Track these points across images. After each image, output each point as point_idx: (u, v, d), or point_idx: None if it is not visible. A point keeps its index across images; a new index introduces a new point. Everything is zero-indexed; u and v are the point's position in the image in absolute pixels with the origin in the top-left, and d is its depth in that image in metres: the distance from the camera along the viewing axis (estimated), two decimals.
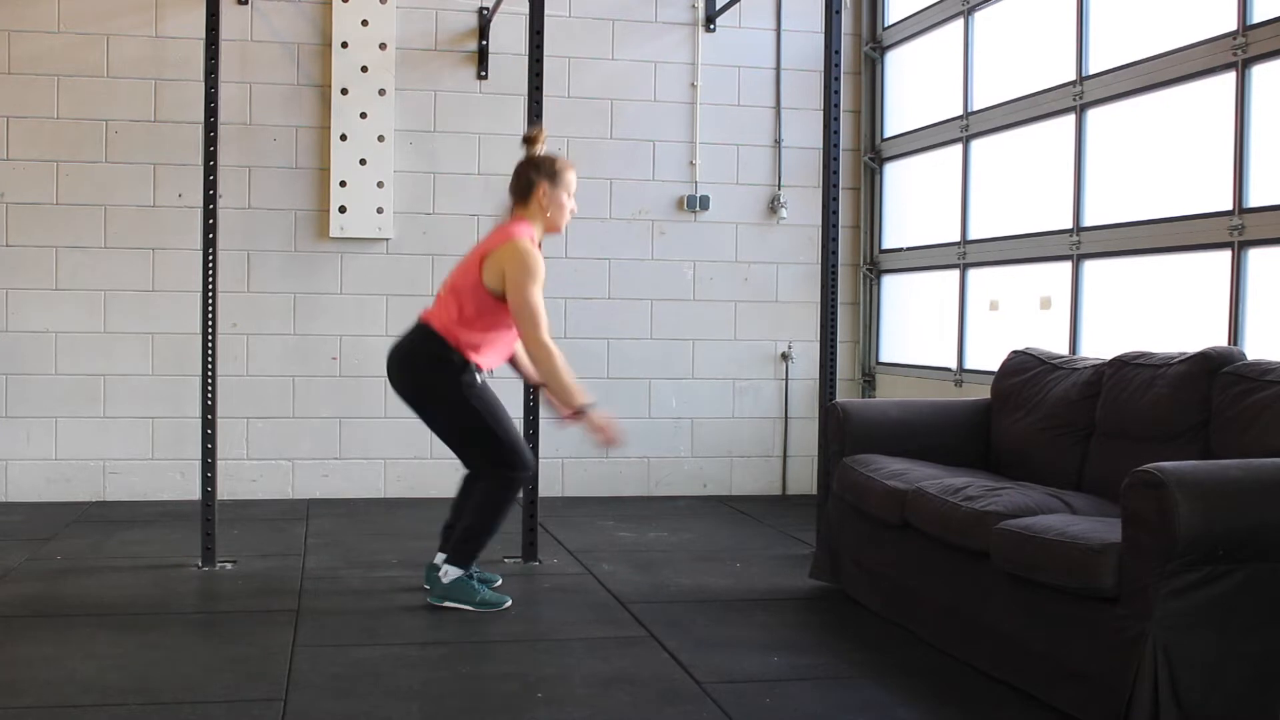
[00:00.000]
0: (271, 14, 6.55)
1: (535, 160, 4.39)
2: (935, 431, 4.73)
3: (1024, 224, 5.77)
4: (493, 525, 4.32)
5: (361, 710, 3.26)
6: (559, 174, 4.37)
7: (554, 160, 4.40)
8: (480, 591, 4.32)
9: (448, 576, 4.31)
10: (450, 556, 4.34)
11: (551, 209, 4.36)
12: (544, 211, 4.36)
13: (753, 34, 7.04)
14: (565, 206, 4.40)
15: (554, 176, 4.35)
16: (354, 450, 6.65)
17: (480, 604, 4.29)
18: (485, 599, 4.31)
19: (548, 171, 4.35)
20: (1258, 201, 4.35)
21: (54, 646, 3.81)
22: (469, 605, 4.29)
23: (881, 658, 3.83)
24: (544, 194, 4.34)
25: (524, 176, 4.37)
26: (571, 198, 4.43)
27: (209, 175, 4.88)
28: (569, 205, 4.41)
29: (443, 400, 4.29)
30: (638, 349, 6.94)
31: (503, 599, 4.36)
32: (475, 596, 4.30)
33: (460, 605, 4.29)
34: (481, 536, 4.32)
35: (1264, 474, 3.06)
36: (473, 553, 4.33)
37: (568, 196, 4.40)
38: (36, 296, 6.38)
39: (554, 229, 4.42)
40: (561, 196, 4.37)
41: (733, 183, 7.02)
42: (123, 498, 6.45)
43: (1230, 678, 2.99)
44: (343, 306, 6.62)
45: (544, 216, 4.37)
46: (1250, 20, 4.38)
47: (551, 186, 4.35)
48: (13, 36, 6.33)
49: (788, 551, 5.42)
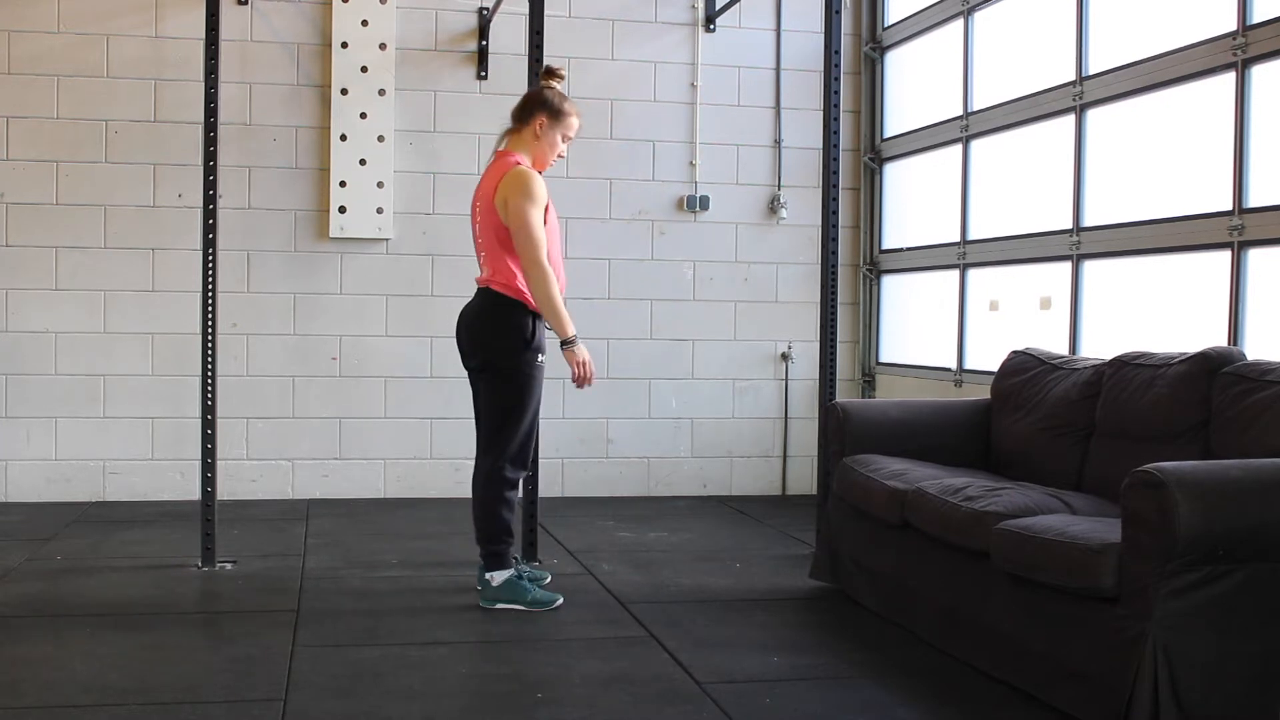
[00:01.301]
0: (271, 14, 6.55)
1: (546, 93, 4.42)
2: (935, 431, 4.73)
3: (1024, 224, 5.77)
4: (500, 523, 4.32)
5: (361, 710, 3.26)
6: (564, 114, 4.40)
7: (563, 99, 4.42)
8: (531, 590, 4.34)
9: (496, 580, 4.33)
10: (485, 564, 4.36)
11: (544, 142, 4.38)
12: (536, 141, 4.37)
13: (753, 34, 7.04)
14: (556, 146, 4.42)
15: (557, 114, 4.38)
16: (354, 450, 6.65)
17: (532, 603, 4.31)
18: (536, 598, 4.33)
19: (553, 107, 4.38)
20: (1258, 201, 4.35)
21: (54, 646, 3.81)
22: (520, 605, 4.30)
23: (881, 658, 3.83)
24: (540, 125, 4.36)
25: (530, 104, 4.40)
26: (566, 142, 4.45)
27: (209, 175, 4.88)
28: (560, 148, 4.44)
29: (504, 372, 4.30)
30: (638, 349, 6.94)
31: (554, 597, 4.37)
32: (526, 596, 4.32)
33: (512, 606, 4.30)
34: (497, 535, 4.33)
35: (1264, 474, 3.06)
36: (499, 553, 4.34)
37: (562, 140, 4.42)
38: (36, 296, 6.38)
39: (540, 164, 4.41)
40: (557, 136, 4.40)
41: (733, 183, 7.02)
42: (123, 498, 6.45)
43: (1230, 678, 2.99)
44: (343, 306, 6.62)
45: (535, 148, 4.38)
46: (1250, 20, 4.38)
47: (550, 122, 4.37)
48: (13, 36, 6.33)
49: (788, 551, 5.42)
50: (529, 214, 4.18)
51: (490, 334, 4.31)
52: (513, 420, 4.31)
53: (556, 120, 4.38)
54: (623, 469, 6.95)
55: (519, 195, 4.20)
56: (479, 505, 4.35)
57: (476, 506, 4.36)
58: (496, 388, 4.33)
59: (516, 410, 4.30)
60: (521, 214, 4.19)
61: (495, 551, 4.34)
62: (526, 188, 4.21)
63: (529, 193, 4.20)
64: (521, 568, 4.55)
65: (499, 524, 4.32)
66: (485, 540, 4.34)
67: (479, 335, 4.34)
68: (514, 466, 4.35)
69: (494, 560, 4.33)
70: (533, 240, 4.18)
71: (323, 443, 6.64)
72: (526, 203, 4.19)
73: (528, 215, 4.18)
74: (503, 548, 4.34)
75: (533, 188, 4.21)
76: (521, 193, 4.20)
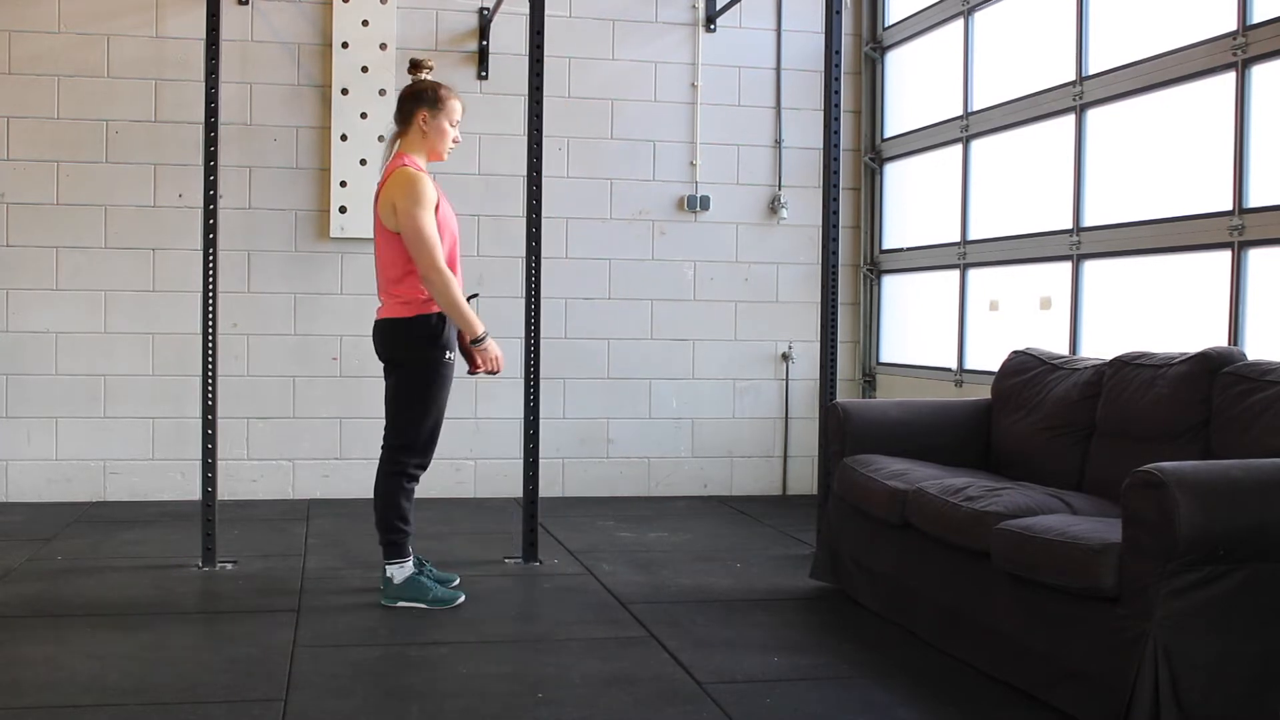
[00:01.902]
0: (271, 14, 6.55)
1: (417, 87, 4.38)
2: (935, 432, 4.73)
3: (1024, 224, 5.77)
4: (398, 513, 4.32)
5: (361, 710, 3.26)
6: (441, 101, 4.35)
7: (437, 87, 4.38)
8: (432, 589, 4.33)
9: (397, 577, 4.32)
10: (383, 554, 4.36)
11: (432, 135, 4.35)
12: (424, 138, 4.35)
13: (753, 34, 7.04)
14: (447, 134, 4.38)
15: (435, 104, 4.34)
16: (354, 450, 6.65)
17: (433, 601, 4.30)
18: (438, 596, 4.32)
19: (429, 99, 4.34)
20: (1258, 202, 4.35)
21: (54, 646, 3.81)
22: (422, 603, 4.30)
23: (881, 658, 3.83)
24: (424, 120, 4.33)
25: (406, 104, 4.37)
26: (455, 126, 4.41)
27: (209, 175, 4.88)
28: (451, 133, 4.40)
29: (410, 368, 4.31)
30: (638, 349, 6.94)
31: (455, 595, 4.37)
32: (428, 594, 4.31)
33: (413, 604, 4.30)
34: (395, 525, 4.33)
35: (1264, 474, 3.06)
36: (396, 542, 4.34)
37: (450, 125, 4.38)
38: (36, 296, 6.38)
39: (436, 157, 4.40)
40: (443, 124, 4.36)
41: (733, 183, 7.02)
42: (123, 498, 6.45)
43: (1230, 678, 2.99)
44: (343, 306, 6.62)
45: (425, 143, 4.36)
46: (1250, 20, 4.38)
47: (432, 113, 4.34)
48: (13, 36, 6.33)
49: (788, 551, 5.42)
50: (419, 218, 4.16)
51: (398, 344, 4.33)
52: (418, 414, 4.30)
53: (436, 109, 4.34)
54: (623, 469, 6.95)
55: (405, 199, 4.17)
56: (378, 497, 4.35)
57: (376, 499, 4.37)
58: (403, 382, 4.33)
59: (422, 404, 4.30)
60: (411, 219, 4.16)
61: (392, 540, 4.33)
62: (412, 191, 4.17)
63: (415, 196, 4.17)
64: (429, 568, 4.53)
65: (397, 513, 4.32)
66: (383, 529, 4.34)
67: (388, 346, 4.36)
68: (417, 461, 4.35)
69: (391, 550, 4.33)
70: (426, 244, 4.15)
71: (323, 443, 6.64)
72: (414, 207, 4.16)
73: (418, 220, 4.16)
74: (400, 537, 4.33)
75: (418, 189, 4.18)
76: (408, 196, 4.17)
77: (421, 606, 4.29)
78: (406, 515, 4.35)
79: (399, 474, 4.34)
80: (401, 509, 4.34)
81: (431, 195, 4.22)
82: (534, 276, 5.16)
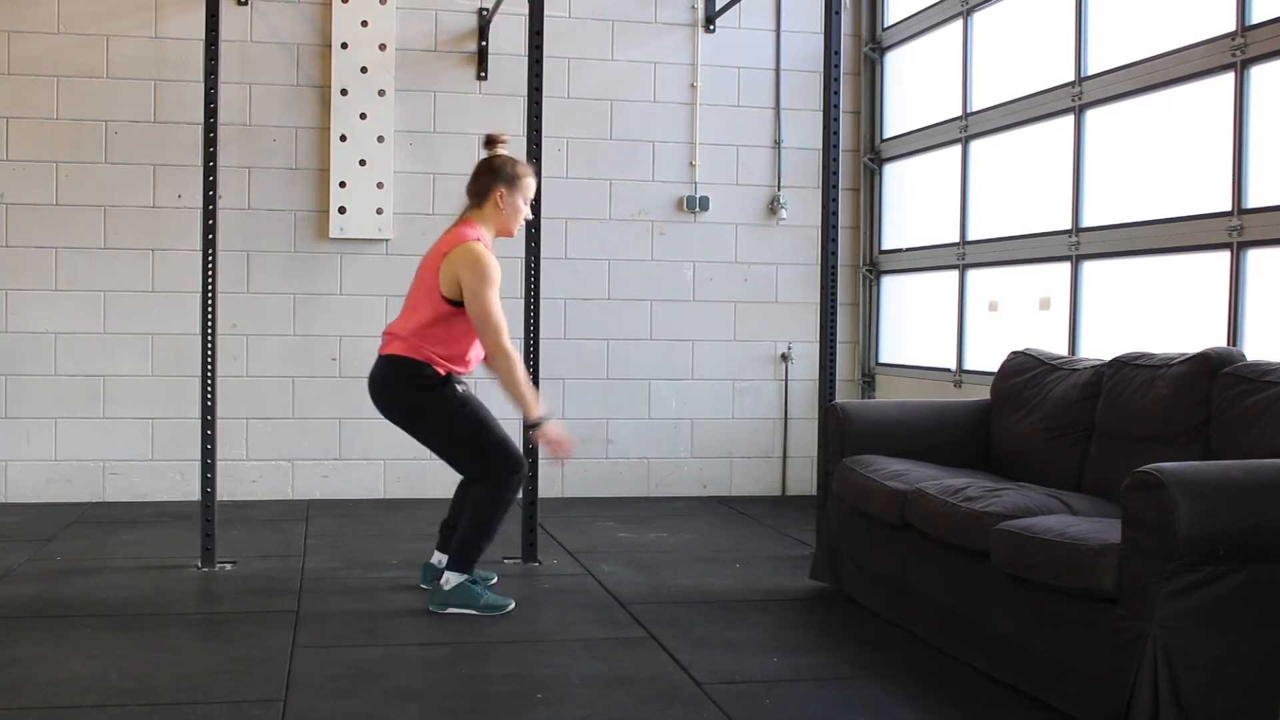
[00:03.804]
0: (271, 14, 6.55)
1: (495, 162, 4.39)
2: (935, 432, 4.73)
3: (1023, 225, 5.77)
4: (492, 528, 4.31)
5: (361, 710, 3.27)
6: (518, 179, 4.37)
7: (515, 164, 4.40)
8: (484, 595, 4.31)
9: (449, 583, 4.30)
10: (451, 562, 4.33)
11: (507, 212, 4.37)
12: (498, 214, 4.36)
13: (753, 34, 7.04)
14: (520, 211, 4.40)
15: (512, 181, 4.36)
16: (354, 451, 6.66)
17: (484, 607, 4.28)
18: (489, 602, 4.30)
19: (507, 176, 4.35)
20: (1257, 202, 4.35)
21: (54, 647, 3.81)
22: (473, 610, 4.28)
23: (881, 658, 3.83)
24: (501, 197, 4.34)
25: (483, 178, 4.38)
26: (527, 204, 4.43)
27: (209, 176, 4.88)
28: (524, 211, 4.42)
29: (430, 419, 4.31)
30: (638, 349, 6.94)
31: (506, 601, 4.35)
32: (479, 600, 4.29)
33: (464, 610, 4.28)
34: (481, 540, 4.31)
35: (1264, 474, 3.06)
36: (473, 558, 4.32)
37: (524, 202, 4.40)
38: (36, 297, 6.38)
39: (506, 233, 4.42)
40: (518, 201, 4.38)
41: (732, 183, 7.02)
42: (123, 498, 6.45)
43: (1230, 678, 2.99)
44: (342, 307, 6.62)
45: (498, 219, 4.37)
46: (1249, 21, 4.38)
47: (509, 191, 4.35)
48: (13, 36, 6.34)
49: (788, 552, 5.42)
50: (488, 298, 4.16)
51: (400, 394, 4.30)
52: (471, 443, 4.29)
53: (514, 187, 4.36)
54: (623, 469, 6.95)
55: (476, 278, 4.16)
56: (472, 507, 4.31)
57: (469, 507, 4.33)
58: (435, 431, 4.32)
59: (466, 434, 4.28)
60: (480, 298, 4.15)
61: (471, 555, 4.31)
62: (483, 270, 4.17)
63: (486, 276, 4.16)
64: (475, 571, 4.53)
65: (487, 532, 4.30)
66: (465, 543, 4.30)
67: (387, 404, 4.34)
68: (511, 470, 4.32)
69: (464, 562, 4.30)
70: (494, 326, 4.15)
71: (323, 443, 6.64)
72: (484, 286, 4.16)
73: (488, 303, 4.15)
74: (476, 554, 4.32)
75: (489, 270, 4.17)
76: (478, 275, 4.16)
77: (472, 613, 4.27)
78: (494, 536, 4.33)
79: (501, 487, 4.29)
80: (491, 529, 4.31)
81: (498, 275, 4.22)
82: (533, 277, 5.16)
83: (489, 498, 4.30)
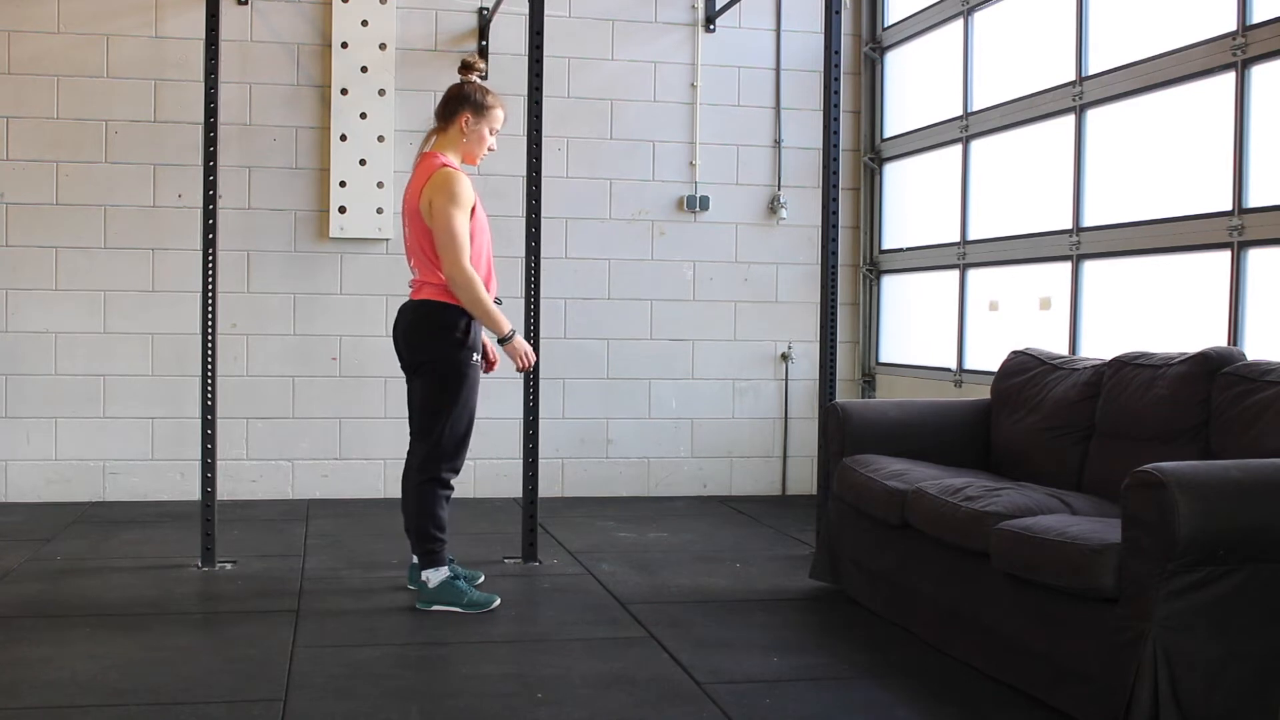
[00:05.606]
0: (271, 14, 6.55)
1: (467, 88, 4.37)
2: (935, 432, 4.73)
3: (1023, 224, 5.77)
4: (437, 515, 4.31)
5: (361, 710, 3.27)
6: (487, 108, 4.36)
7: (486, 93, 4.38)
8: (468, 592, 4.31)
9: (430, 581, 4.31)
10: (421, 560, 4.35)
11: (471, 139, 4.35)
12: (463, 140, 4.35)
13: (753, 34, 7.04)
14: (485, 140, 4.39)
15: (480, 108, 4.35)
16: (354, 450, 6.66)
17: (469, 605, 4.28)
18: (473, 599, 4.30)
19: (475, 102, 4.35)
20: (1257, 202, 4.35)
21: (54, 647, 3.81)
22: (458, 607, 4.28)
23: (881, 658, 3.83)
24: (466, 122, 4.33)
25: (451, 102, 4.37)
26: (494, 135, 4.41)
27: (209, 175, 4.88)
28: (489, 141, 4.41)
29: (438, 371, 4.29)
30: (638, 349, 6.94)
31: (491, 598, 4.35)
32: (463, 598, 4.29)
33: (449, 608, 4.29)
34: (432, 529, 4.31)
35: (1264, 474, 3.06)
36: (435, 550, 4.32)
37: (490, 132, 4.39)
38: (36, 296, 6.38)
39: (470, 160, 4.41)
40: (484, 130, 4.37)
41: (733, 183, 7.02)
42: (123, 498, 6.45)
43: (1230, 678, 2.99)
44: (342, 307, 6.62)
45: (462, 145, 4.36)
46: (1250, 20, 4.38)
47: (475, 118, 4.34)
48: (13, 36, 6.33)
49: (788, 552, 5.42)
50: (453, 217, 4.16)
51: (425, 337, 4.30)
52: (449, 419, 4.29)
53: (481, 114, 4.34)
54: (623, 469, 6.95)
55: (444, 198, 4.17)
56: (413, 503, 4.32)
57: (410, 504, 4.34)
58: (431, 385, 4.30)
59: (453, 409, 4.29)
60: (445, 217, 4.16)
61: (429, 550, 4.32)
62: (452, 190, 4.17)
63: (454, 196, 4.17)
64: (455, 567, 4.52)
65: (434, 522, 4.30)
66: (420, 539, 4.32)
67: (414, 340, 4.33)
68: (449, 467, 4.33)
69: (430, 558, 4.31)
70: (455, 244, 4.15)
71: (323, 443, 6.64)
72: (451, 206, 4.16)
73: (452, 219, 4.16)
74: (437, 545, 4.32)
75: (458, 190, 4.18)
76: (446, 195, 4.17)
77: (458, 610, 4.28)
78: (443, 523, 4.33)
79: (432, 481, 4.31)
80: (438, 518, 4.31)
81: (470, 197, 4.22)
82: (534, 277, 5.16)
83: (421, 496, 4.30)
